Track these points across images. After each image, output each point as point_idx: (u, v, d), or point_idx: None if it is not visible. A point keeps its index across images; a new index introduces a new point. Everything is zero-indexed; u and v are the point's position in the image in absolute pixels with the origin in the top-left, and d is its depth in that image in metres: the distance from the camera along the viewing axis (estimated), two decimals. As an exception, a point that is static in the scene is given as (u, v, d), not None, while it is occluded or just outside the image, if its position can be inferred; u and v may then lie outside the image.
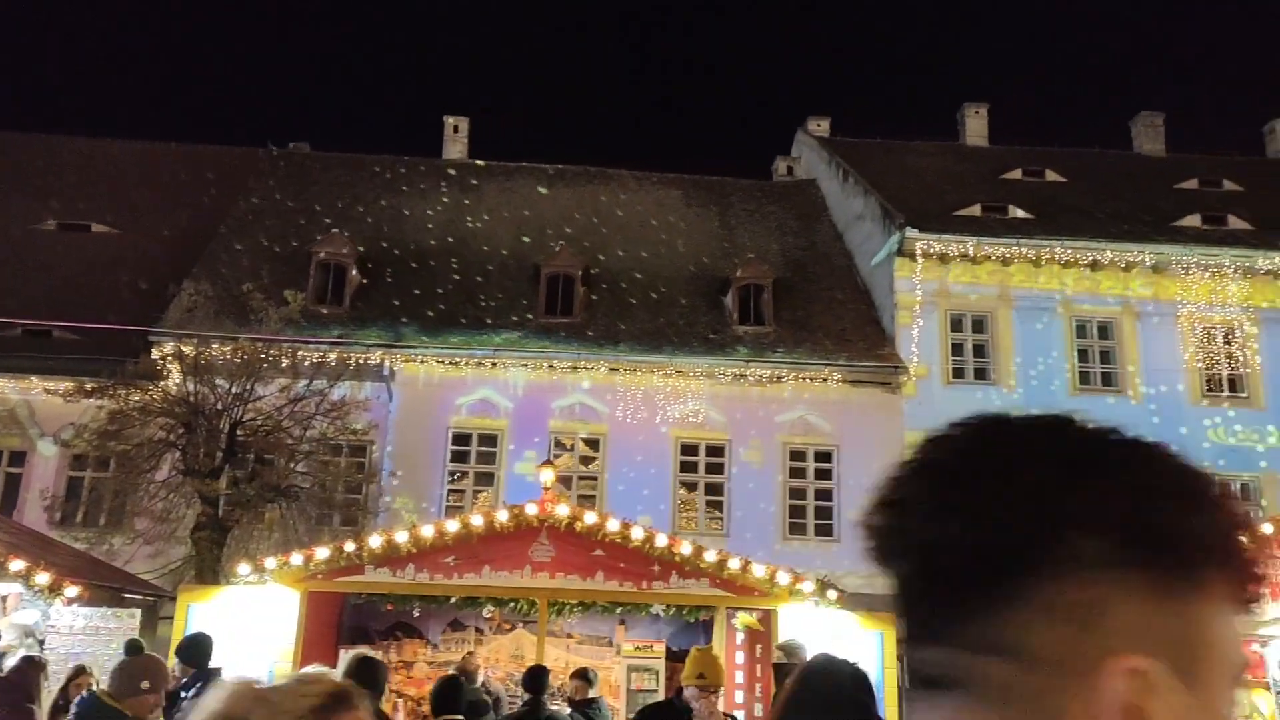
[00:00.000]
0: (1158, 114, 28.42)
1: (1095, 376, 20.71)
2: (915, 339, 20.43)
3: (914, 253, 20.68)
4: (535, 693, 7.13)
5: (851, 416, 20.17)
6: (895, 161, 26.29)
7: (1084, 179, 25.27)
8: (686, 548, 10.67)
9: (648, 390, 20.02)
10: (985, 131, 28.36)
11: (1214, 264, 20.65)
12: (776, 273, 22.33)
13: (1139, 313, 20.84)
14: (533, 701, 7.08)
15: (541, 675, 7.37)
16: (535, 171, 26.52)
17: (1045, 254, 20.71)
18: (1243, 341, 20.65)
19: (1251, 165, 27.47)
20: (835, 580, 17.02)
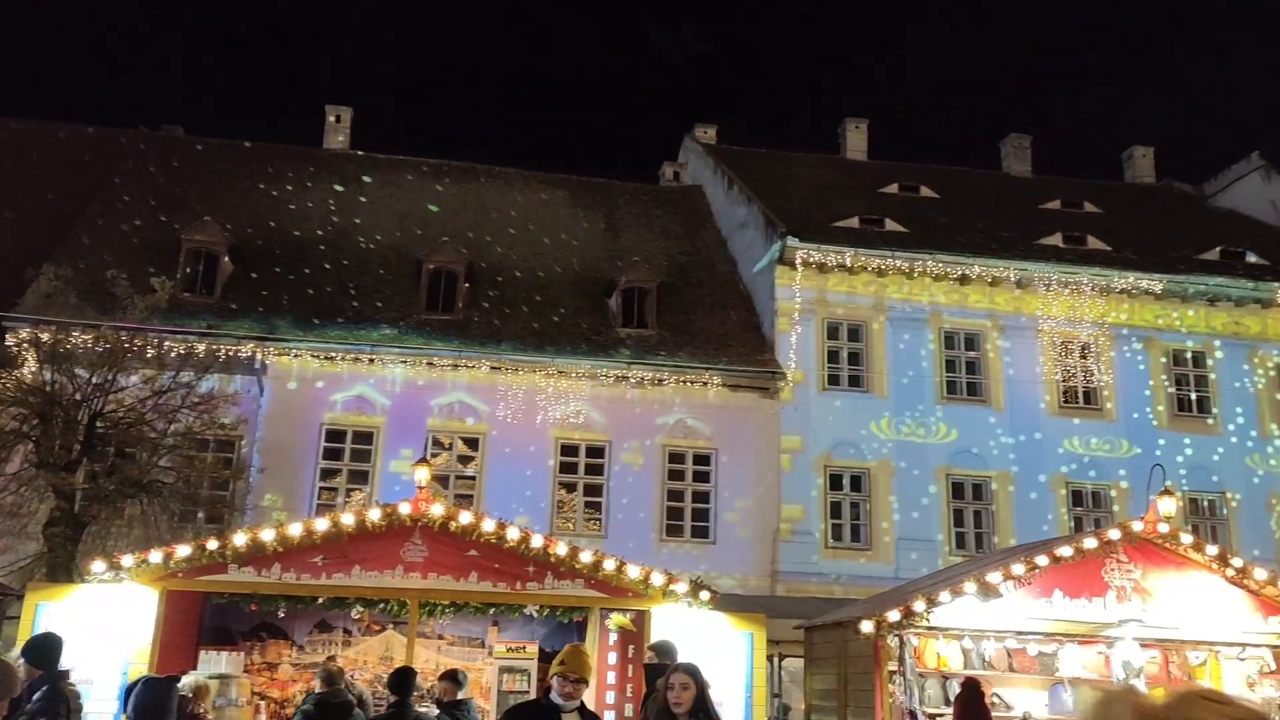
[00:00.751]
0: (1025, 136, 29.75)
1: (961, 386, 21.50)
2: (793, 346, 20.87)
3: (794, 261, 21.13)
4: (401, 694, 7.05)
5: (730, 420, 20.49)
6: (779, 171, 26.83)
7: (956, 196, 26.24)
8: (562, 548, 10.67)
9: (529, 390, 19.95)
10: (865, 146, 29.19)
11: (1073, 282, 21.68)
12: (660, 277, 22.52)
13: (1003, 326, 21.73)
14: (399, 704, 6.99)
15: (408, 676, 7.28)
16: (419, 166, 26.14)
17: (918, 267, 21.40)
18: (1098, 356, 21.74)
19: (1111, 189, 28.99)
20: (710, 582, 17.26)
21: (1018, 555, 11.95)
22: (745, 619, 10.88)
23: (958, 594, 11.04)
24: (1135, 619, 11.45)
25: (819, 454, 20.57)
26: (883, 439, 20.85)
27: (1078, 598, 11.41)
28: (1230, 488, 21.38)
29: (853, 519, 20.58)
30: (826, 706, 12.02)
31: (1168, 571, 11.72)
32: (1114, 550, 11.62)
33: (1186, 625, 11.55)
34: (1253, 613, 11.71)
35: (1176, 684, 12.63)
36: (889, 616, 10.71)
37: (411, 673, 7.49)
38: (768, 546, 19.93)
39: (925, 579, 14.55)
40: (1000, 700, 12.35)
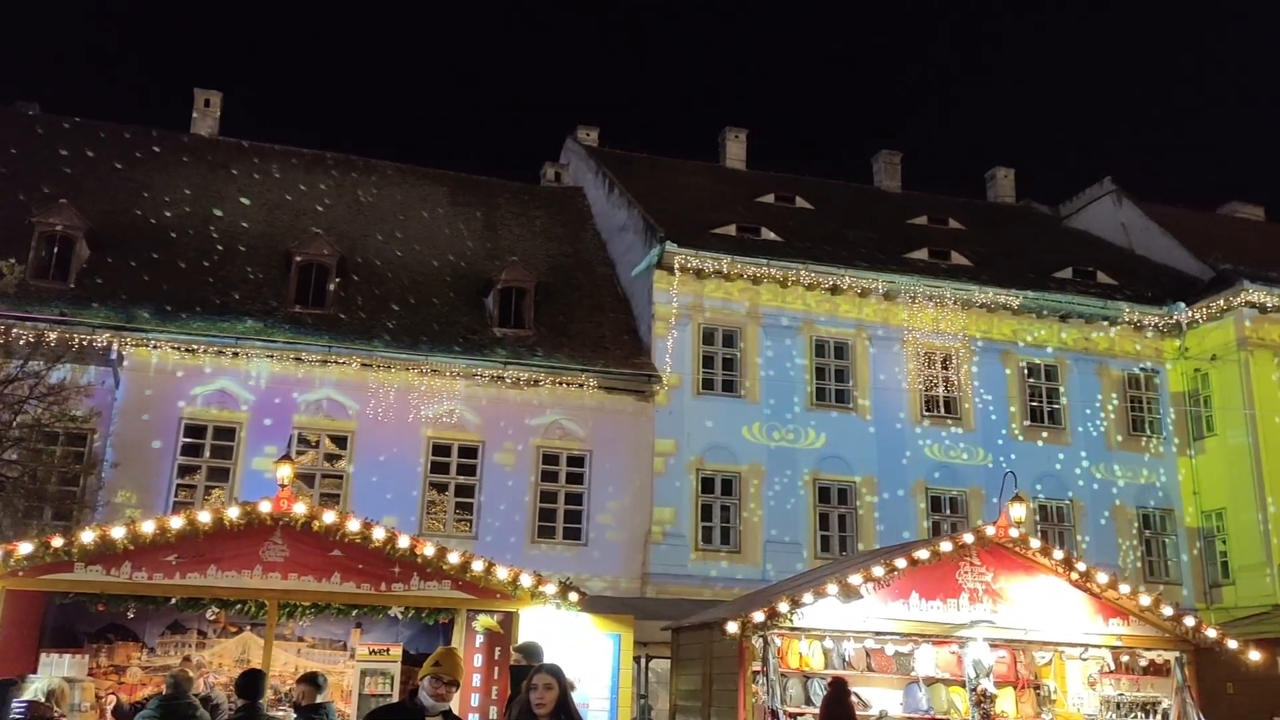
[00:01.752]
0: (896, 153, 30.76)
1: (830, 393, 22.05)
2: (669, 350, 21.06)
3: (672, 266, 21.32)
4: (250, 698, 6.81)
5: (605, 423, 20.54)
6: (659, 177, 27.07)
7: (829, 207, 26.94)
8: (430, 549, 10.52)
9: (401, 388, 19.60)
10: (744, 155, 29.69)
11: (937, 295, 22.48)
12: (539, 277, 22.43)
13: (871, 336, 22.39)
14: (247, 708, 6.76)
15: (256, 679, 7.05)
16: (292, 155, 25.40)
17: (792, 276, 21.87)
18: (958, 367, 22.60)
19: (974, 207, 30.22)
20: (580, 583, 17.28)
21: (878, 558, 12.34)
22: (613, 620, 10.93)
23: (820, 595, 11.33)
24: (986, 620, 11.96)
25: (692, 457, 20.81)
26: (754, 443, 21.23)
27: (933, 599, 11.85)
28: (1078, 495, 22.51)
29: (723, 522, 20.88)
30: (691, 707, 12.17)
31: (1017, 575, 12.28)
32: (968, 554, 12.12)
33: (1034, 626, 12.11)
34: (1094, 615, 12.36)
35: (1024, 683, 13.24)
36: (754, 617, 10.91)
37: (260, 675, 7.25)
38: (639, 549, 20.05)
39: (790, 581, 14.87)
40: (859, 699, 12.69)
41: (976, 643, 11.90)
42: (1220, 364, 22.73)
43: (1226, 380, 22.56)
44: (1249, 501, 21.65)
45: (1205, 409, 23.04)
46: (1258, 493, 21.50)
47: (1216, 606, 21.54)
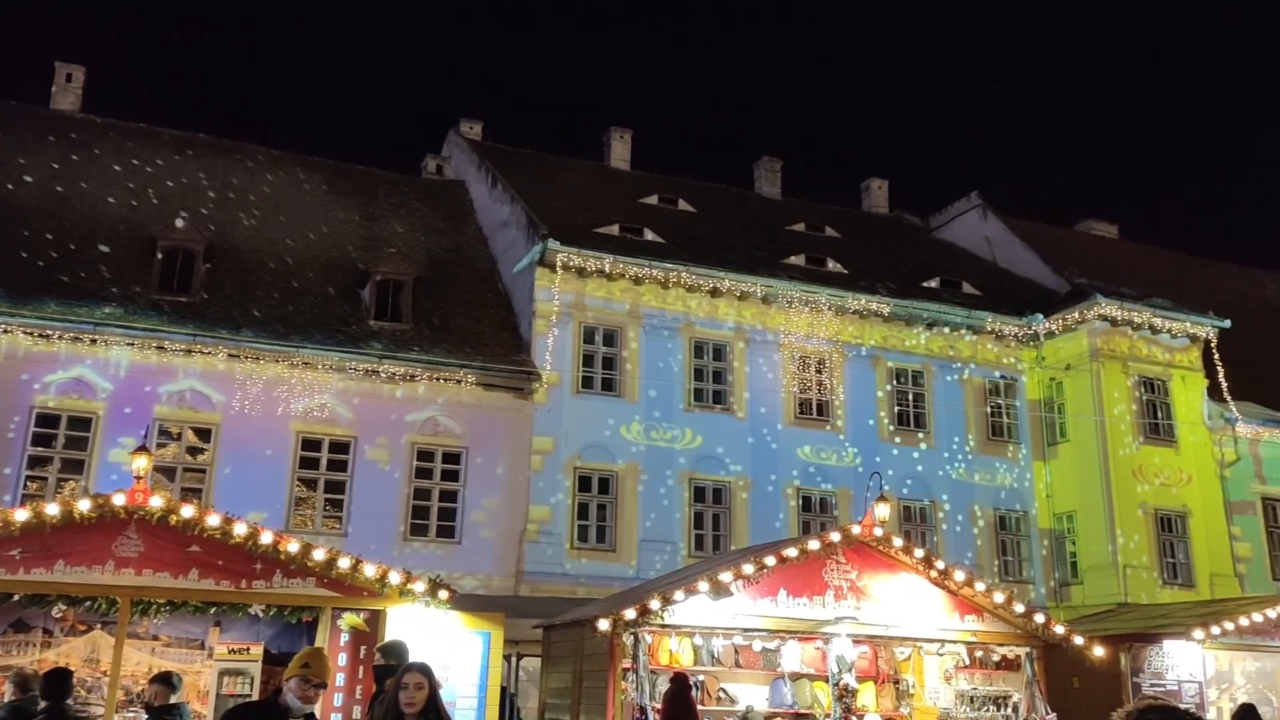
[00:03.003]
0: (777, 160, 31.36)
1: (708, 394, 22.33)
2: (550, 348, 20.98)
3: (554, 264, 21.25)
4: (55, 699, 6.47)
5: (482, 420, 20.35)
6: (544, 173, 26.96)
7: (711, 211, 27.28)
8: (294, 546, 10.23)
9: (270, 380, 19.03)
10: (628, 156, 29.82)
11: (813, 300, 22.99)
12: (418, 270, 22.08)
13: (749, 339, 22.75)
14: (51, 709, 6.41)
15: (62, 679, 6.70)
16: (161, 135, 24.39)
17: (673, 277, 22.05)
18: (831, 371, 23.16)
19: (849, 216, 31.04)
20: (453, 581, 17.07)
21: (749, 556, 12.54)
22: (483, 618, 10.83)
23: (692, 593, 11.45)
24: (850, 616, 12.29)
25: (569, 456, 20.78)
26: (632, 442, 21.33)
27: (800, 596, 12.11)
28: (940, 497, 23.33)
29: (599, 520, 20.91)
30: (560, 704, 12.15)
31: (881, 573, 12.65)
32: (835, 552, 12.43)
33: (895, 623, 12.50)
34: (951, 612, 12.82)
35: (884, 677, 13.66)
36: (626, 615, 10.96)
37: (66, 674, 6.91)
38: (514, 547, 19.93)
39: (662, 579, 15.00)
40: (726, 695, 12.91)
41: (840, 639, 12.22)
42: (1073, 373, 23.88)
43: (1079, 389, 23.71)
44: (1097, 505, 22.81)
45: (1059, 416, 24.16)
46: (1105, 497, 22.66)
47: (1065, 605, 22.60)
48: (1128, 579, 21.92)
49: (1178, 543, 23.05)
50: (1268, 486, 24.56)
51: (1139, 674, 13.49)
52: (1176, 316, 24.04)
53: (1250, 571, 23.58)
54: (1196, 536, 23.16)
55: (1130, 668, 13.53)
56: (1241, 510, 24.05)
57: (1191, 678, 13.59)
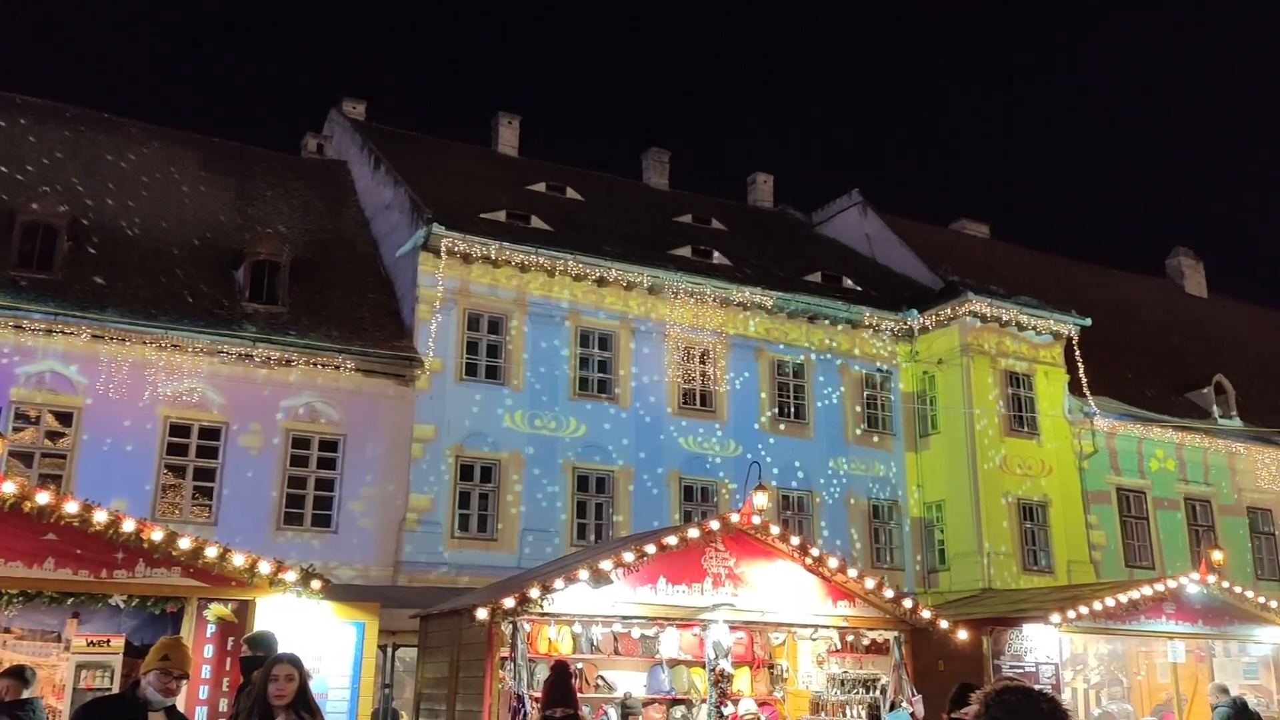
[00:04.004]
0: (665, 152, 31.56)
1: (593, 383, 22.35)
2: (433, 334, 20.66)
3: (439, 249, 20.93)
4: None
5: (362, 406, 19.93)
6: (429, 157, 26.54)
7: (599, 200, 27.29)
8: (158, 534, 9.85)
9: (137, 363, 18.25)
10: (516, 142, 29.60)
11: (698, 292, 23.23)
12: (295, 252, 21.47)
13: (634, 329, 22.85)
14: None
15: None
16: (19, 105, 23.12)
17: (560, 266, 21.97)
18: (715, 363, 23.45)
19: (736, 209, 31.46)
20: (329, 571, 16.72)
21: (629, 544, 12.61)
22: (357, 608, 10.63)
23: (572, 581, 11.46)
24: (728, 603, 12.48)
25: (452, 444, 20.54)
26: (516, 431, 21.20)
27: (679, 584, 12.24)
28: (817, 486, 23.88)
29: (481, 509, 20.73)
30: (436, 694, 12.03)
31: (758, 560, 12.87)
32: (714, 540, 12.60)
33: (771, 609, 12.74)
34: (824, 598, 13.14)
35: (759, 662, 13.93)
36: (505, 603, 10.90)
37: None
38: (392, 536, 19.60)
39: (542, 567, 14.98)
40: (604, 682, 12.98)
41: (718, 625, 12.40)
42: (945, 368, 24.73)
43: (950, 383, 24.56)
44: (964, 494, 23.69)
45: (931, 409, 24.99)
46: (972, 487, 23.55)
47: (933, 590, 23.43)
48: (991, 565, 22.85)
49: (1038, 531, 24.12)
50: (1122, 478, 25.90)
51: (1000, 656, 14.06)
52: (1041, 314, 25.10)
53: (1104, 558, 24.83)
54: (1056, 525, 24.27)
55: (992, 650, 14.08)
56: (1098, 500, 25.30)
57: (1048, 659, 14.22)
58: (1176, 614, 14.98)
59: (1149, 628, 14.90)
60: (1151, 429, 26.24)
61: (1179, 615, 14.98)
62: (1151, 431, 26.25)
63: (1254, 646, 15.76)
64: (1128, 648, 16.16)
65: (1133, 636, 15.35)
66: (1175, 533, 26.23)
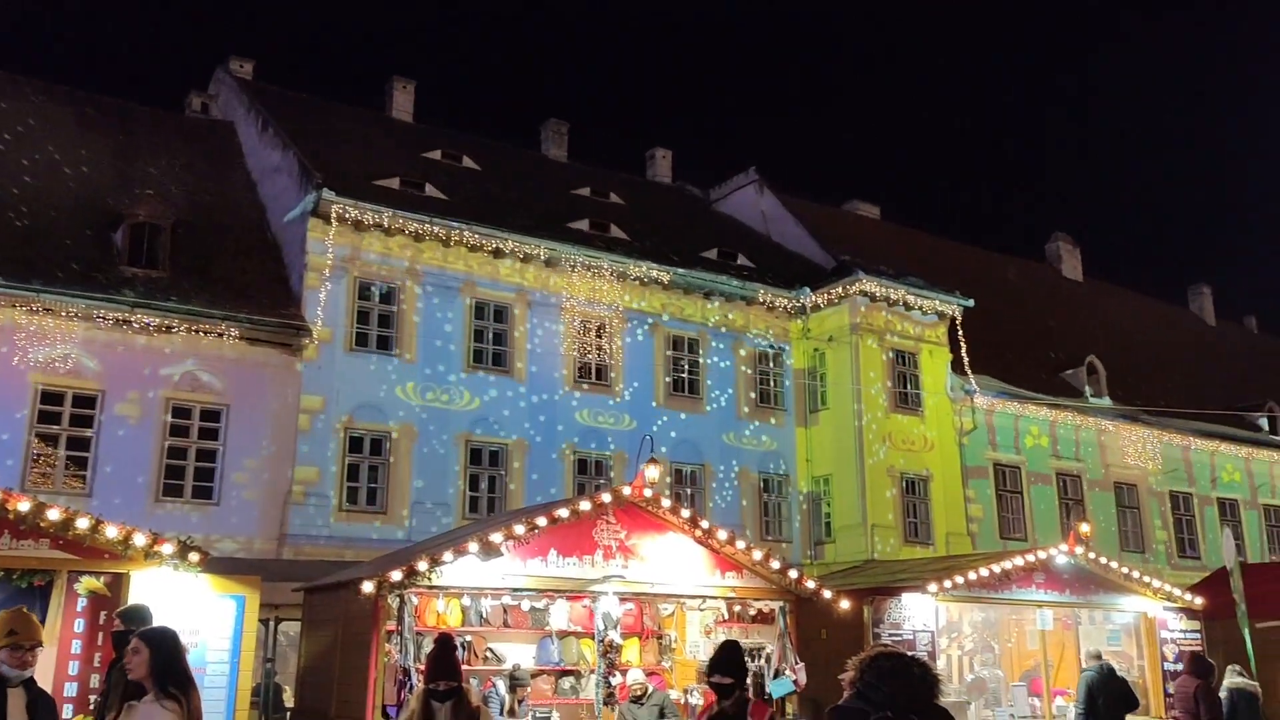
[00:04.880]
0: (564, 123, 31.37)
1: (488, 356, 22.17)
2: (322, 302, 20.19)
3: (329, 215, 20.42)
4: None
5: (246, 376, 19.40)
6: (320, 120, 25.85)
7: (496, 170, 26.99)
8: (24, 504, 9.44)
9: (6, 328, 17.41)
10: (411, 108, 29.03)
11: (596, 265, 23.20)
12: (178, 214, 20.71)
13: (530, 301, 22.71)
14: None
15: None
16: (-125, 48, 21.68)
17: (455, 235, 21.66)
18: (611, 337, 23.50)
19: (634, 184, 31.48)
20: (211, 544, 16.30)
21: (520, 517, 12.58)
22: (237, 581, 10.37)
23: (461, 554, 11.37)
24: (618, 575, 12.55)
25: (340, 415, 20.15)
26: (407, 403, 20.91)
27: (570, 556, 12.26)
28: (710, 460, 24.20)
29: (370, 482, 20.42)
30: (320, 668, 11.85)
31: (649, 533, 12.96)
32: (605, 512, 12.64)
33: (661, 580, 12.87)
34: (713, 569, 13.31)
35: (648, 633, 14.09)
36: (391, 576, 10.77)
37: None
38: (277, 509, 19.17)
39: (431, 540, 14.86)
40: (493, 654, 12.97)
41: (608, 596, 12.47)
42: (835, 345, 25.27)
43: (839, 360, 25.12)
44: (851, 469, 24.31)
45: (821, 385, 25.53)
46: (858, 461, 24.18)
47: (819, 562, 24.02)
48: (875, 537, 23.54)
49: (919, 504, 24.92)
50: (999, 453, 26.92)
51: (880, 625, 14.48)
52: (928, 295, 25.83)
53: (981, 530, 25.82)
54: (936, 498, 25.11)
55: (872, 619, 14.50)
56: (976, 475, 26.26)
57: (925, 627, 14.71)
58: (1046, 583, 15.64)
59: (1020, 597, 15.53)
60: (1027, 406, 27.32)
61: (1048, 585, 15.65)
62: (1027, 409, 27.34)
63: (1117, 615, 16.56)
64: (1000, 616, 16.82)
65: (1005, 605, 15.97)
66: (1047, 506, 27.41)
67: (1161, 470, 29.85)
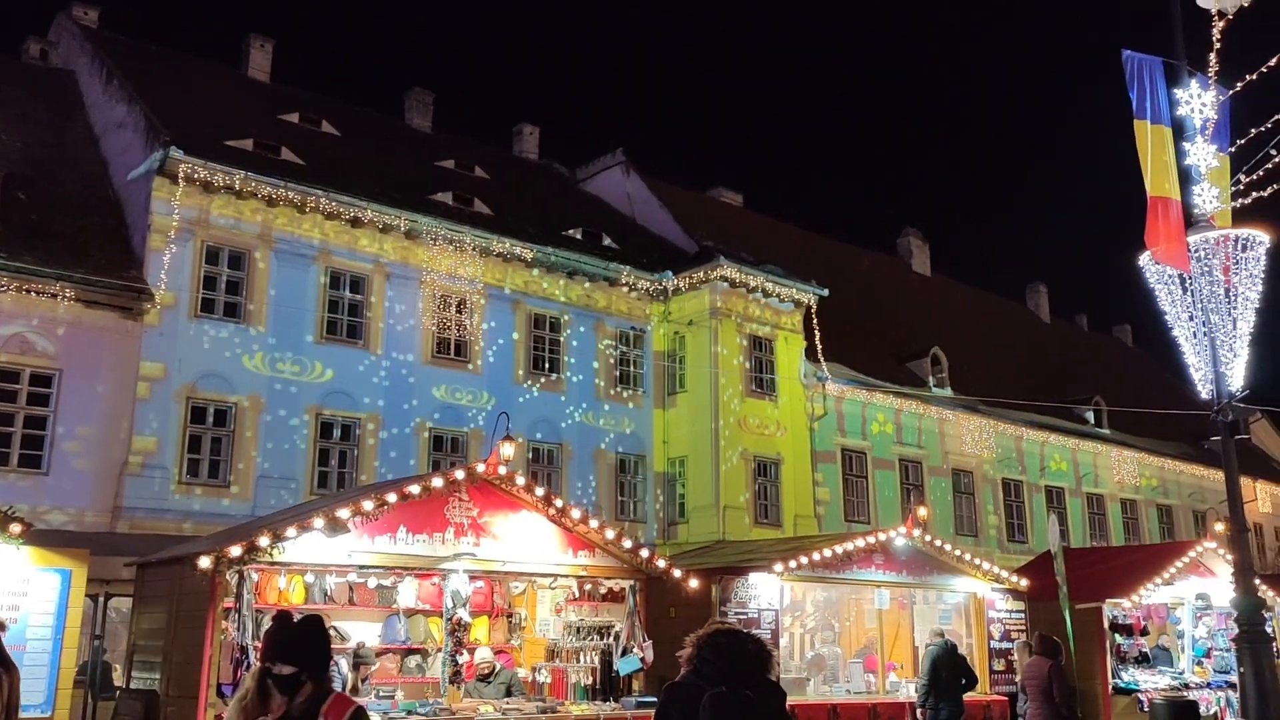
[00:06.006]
0: (429, 92, 30.72)
1: (343, 327, 21.61)
2: (166, 265, 19.30)
3: (176, 175, 19.51)
4: None
5: (81, 340, 18.40)
6: (170, 75, 24.63)
7: (357, 137, 26.26)
8: None
9: None
10: (269, 67, 27.95)
11: (458, 239, 22.86)
12: (10, 166, 19.47)
13: (389, 273, 22.23)
14: None
15: None
16: None
17: (311, 202, 21.01)
18: (471, 312, 23.22)
19: (500, 159, 31.13)
20: (37, 516, 15.45)
21: (369, 493, 12.35)
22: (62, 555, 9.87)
23: (305, 529, 11.09)
24: (469, 553, 12.47)
25: (183, 384, 19.34)
26: (255, 373, 20.21)
27: (420, 533, 12.11)
28: (569, 440, 24.24)
29: (213, 455, 19.68)
30: (152, 646, 11.39)
31: (502, 511, 12.92)
32: (458, 489, 12.53)
33: (512, 559, 12.85)
34: (565, 548, 13.37)
35: (498, 611, 14.06)
36: (230, 551, 10.42)
37: None
38: (112, 480, 18.29)
39: (274, 515, 14.44)
40: (337, 632, 12.70)
41: (458, 574, 12.38)
42: (695, 329, 25.65)
43: (698, 344, 25.51)
44: (705, 451, 24.75)
45: (680, 368, 25.89)
46: (713, 444, 24.63)
47: (672, 542, 24.42)
48: (726, 518, 24.05)
49: (770, 486, 25.58)
50: (847, 439, 27.86)
51: (726, 603, 14.84)
52: (785, 283, 26.45)
53: (827, 513, 26.70)
54: (786, 481, 25.83)
55: (720, 598, 14.84)
56: (824, 459, 27.11)
57: (770, 606, 15.14)
58: (884, 564, 16.31)
59: (860, 577, 16.15)
60: (875, 395, 28.34)
61: (886, 565, 16.32)
62: (875, 397, 28.36)
63: (949, 595, 17.40)
64: (840, 595, 17.44)
65: (845, 585, 16.58)
66: (890, 491, 28.54)
67: (996, 458, 31.45)
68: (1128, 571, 18.25)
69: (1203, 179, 11.01)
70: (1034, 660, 13.02)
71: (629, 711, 12.24)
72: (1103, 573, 18.38)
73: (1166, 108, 11.24)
